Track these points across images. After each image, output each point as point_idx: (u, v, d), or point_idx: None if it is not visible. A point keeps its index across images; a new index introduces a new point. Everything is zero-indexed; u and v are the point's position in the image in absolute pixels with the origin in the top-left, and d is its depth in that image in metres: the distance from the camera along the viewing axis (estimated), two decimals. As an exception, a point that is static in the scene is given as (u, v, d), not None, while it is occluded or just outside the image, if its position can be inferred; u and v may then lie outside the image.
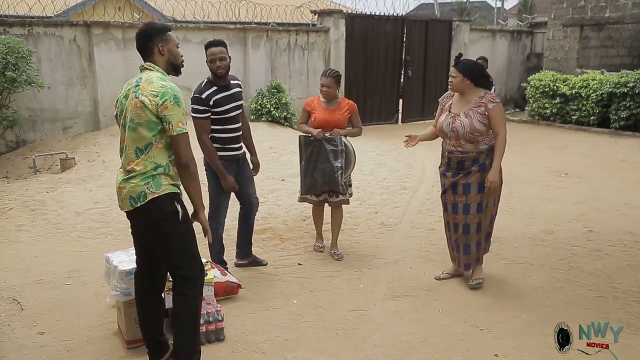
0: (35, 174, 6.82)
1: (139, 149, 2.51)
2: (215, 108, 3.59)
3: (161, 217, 2.53)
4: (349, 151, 4.07)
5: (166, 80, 2.53)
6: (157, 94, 2.46)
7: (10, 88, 6.65)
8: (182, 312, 2.66)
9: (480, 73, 3.63)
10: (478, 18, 22.84)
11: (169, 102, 2.45)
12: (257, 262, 4.11)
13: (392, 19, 11.27)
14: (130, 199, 2.53)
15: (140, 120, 2.48)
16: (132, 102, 2.50)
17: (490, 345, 3.06)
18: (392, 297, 3.67)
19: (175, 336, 2.68)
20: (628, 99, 9.55)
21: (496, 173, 3.57)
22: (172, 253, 2.61)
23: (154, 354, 2.80)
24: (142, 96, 2.47)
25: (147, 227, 2.59)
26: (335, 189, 4.09)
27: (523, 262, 4.23)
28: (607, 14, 11.29)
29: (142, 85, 2.51)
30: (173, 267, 2.65)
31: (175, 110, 2.46)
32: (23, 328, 3.18)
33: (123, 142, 2.60)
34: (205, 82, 3.66)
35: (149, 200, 2.51)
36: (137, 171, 2.51)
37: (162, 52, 2.60)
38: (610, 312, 3.44)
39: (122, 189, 2.56)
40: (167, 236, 2.57)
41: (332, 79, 4.05)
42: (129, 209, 2.57)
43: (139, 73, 2.61)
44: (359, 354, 2.98)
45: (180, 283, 2.65)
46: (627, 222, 5.20)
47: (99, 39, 7.97)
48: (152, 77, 2.53)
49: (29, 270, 3.98)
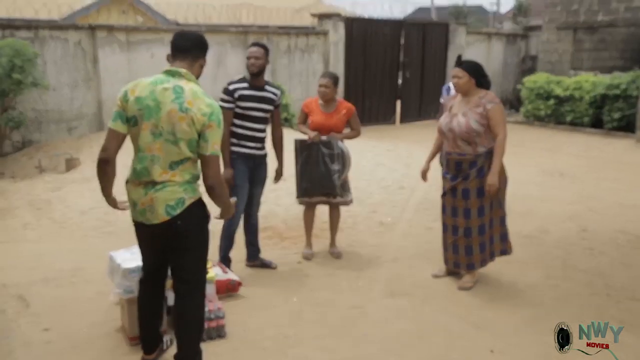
0: (40, 173, 6.85)
1: (175, 162, 2.41)
2: (239, 102, 3.72)
3: (196, 222, 2.49)
4: (345, 154, 4.07)
5: (210, 97, 2.44)
6: (206, 114, 2.36)
7: (17, 90, 6.73)
8: (187, 322, 2.62)
9: (481, 73, 3.64)
10: (474, 22, 22.89)
11: (215, 123, 2.37)
12: (264, 265, 4.11)
13: (390, 23, 11.36)
14: (167, 207, 2.41)
15: (183, 136, 2.36)
16: (176, 115, 2.34)
17: (487, 342, 3.10)
18: (390, 295, 3.71)
19: (181, 338, 2.65)
20: (620, 101, 9.67)
21: (495, 176, 3.55)
22: (192, 260, 2.58)
23: (149, 346, 2.81)
24: (192, 111, 2.34)
25: (175, 235, 2.48)
26: (331, 192, 4.10)
27: (518, 260, 4.27)
28: (600, 18, 11.40)
29: (188, 99, 2.36)
30: (187, 273, 2.60)
31: (217, 131, 2.39)
32: (29, 325, 3.22)
33: (151, 150, 2.40)
34: (241, 77, 3.82)
35: (187, 206, 2.44)
36: (174, 182, 2.41)
37: (202, 66, 2.55)
38: (604, 310, 3.49)
39: (154, 198, 2.41)
40: (193, 243, 2.53)
41: (330, 80, 4.09)
42: (163, 220, 2.42)
43: (170, 76, 2.43)
44: (358, 351, 3.02)
45: (188, 291, 2.61)
46: (620, 221, 5.27)
47: (103, 42, 8.04)
48: (196, 91, 2.41)
49: (35, 268, 4.02)
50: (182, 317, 2.64)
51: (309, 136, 4.08)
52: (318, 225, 4.74)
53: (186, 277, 2.61)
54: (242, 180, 3.80)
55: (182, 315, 2.64)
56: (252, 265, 4.11)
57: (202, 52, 2.55)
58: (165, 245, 2.56)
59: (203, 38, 2.59)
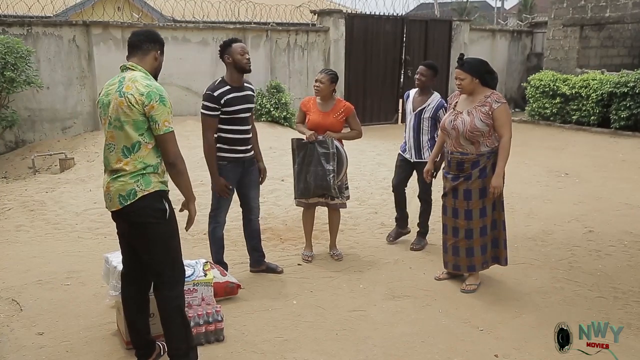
0: (34, 174, 6.82)
1: (127, 148, 2.52)
2: (226, 107, 3.57)
3: (149, 214, 2.55)
4: (341, 154, 3.98)
5: (150, 80, 2.55)
6: (143, 93, 2.47)
7: (9, 88, 6.65)
8: (165, 314, 2.67)
9: (486, 70, 3.56)
10: (478, 18, 22.83)
11: (155, 102, 2.47)
12: (270, 269, 4.02)
13: (391, 19, 11.27)
14: (120, 197, 2.53)
15: (126, 118, 2.49)
16: (117, 101, 2.50)
17: (490, 346, 3.06)
18: (392, 297, 3.66)
19: (167, 338, 2.69)
20: (628, 99, 9.55)
21: (499, 178, 3.50)
22: (155, 254, 2.62)
23: (143, 355, 2.81)
24: (128, 94, 2.47)
25: (134, 226, 2.59)
26: (327, 193, 4.01)
27: (523, 262, 4.23)
28: (607, 14, 11.29)
29: (126, 84, 2.51)
30: (154, 268, 2.65)
31: (162, 109, 2.48)
32: (22, 329, 3.18)
33: (107, 140, 2.59)
34: (220, 80, 3.66)
35: (139, 197, 2.52)
36: (126, 170, 2.52)
37: (155, 58, 2.65)
38: (611, 313, 3.43)
39: (111, 187, 2.56)
40: (152, 235, 2.58)
41: (326, 76, 4.01)
42: (117, 208, 2.56)
43: (121, 71, 2.61)
44: (359, 354, 2.97)
45: (160, 284, 2.66)
46: (627, 222, 5.20)
47: (98, 39, 7.97)
48: (135, 76, 2.54)
49: (28, 271, 3.97)
50: (160, 312, 2.70)
51: (305, 135, 4.01)
52: (318, 227, 4.69)
53: (155, 269, 2.66)
54: None
55: (159, 310, 2.69)
56: (257, 270, 4.02)
57: (153, 45, 2.64)
58: (129, 236, 2.66)
59: (154, 32, 2.69)
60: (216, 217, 3.76)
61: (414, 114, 4.36)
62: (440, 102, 4.33)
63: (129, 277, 2.78)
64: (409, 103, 4.44)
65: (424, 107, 4.32)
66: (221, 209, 3.77)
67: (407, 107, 4.45)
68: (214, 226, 3.75)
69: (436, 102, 4.32)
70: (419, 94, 4.40)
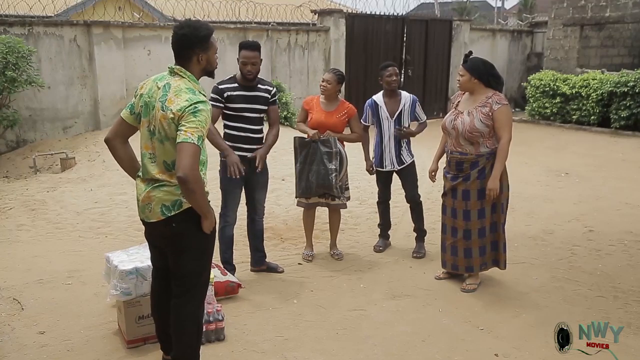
0: (35, 173, 6.82)
1: (167, 163, 2.40)
2: (229, 103, 3.65)
3: (190, 226, 2.44)
4: (342, 154, 3.99)
5: (195, 93, 2.37)
6: (182, 108, 2.31)
7: (11, 88, 6.65)
8: (180, 320, 2.59)
9: (489, 72, 3.54)
10: (478, 18, 22.80)
11: (187, 112, 2.30)
12: (271, 269, 4.02)
13: (392, 19, 11.27)
14: (163, 207, 2.41)
15: (167, 135, 2.36)
16: (159, 113, 2.37)
17: (490, 345, 3.06)
18: (392, 296, 3.66)
19: (176, 343, 2.61)
20: (628, 99, 9.55)
21: (496, 180, 3.49)
22: (188, 263, 2.53)
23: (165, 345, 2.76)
24: (168, 110, 2.33)
25: (172, 236, 2.48)
26: (329, 192, 4.01)
27: (523, 261, 4.23)
28: (608, 14, 11.29)
29: (169, 97, 2.36)
30: (182, 275, 2.56)
31: (190, 119, 2.29)
32: (23, 328, 3.18)
33: (148, 148, 2.44)
34: (231, 77, 3.75)
35: (184, 209, 2.41)
36: (171, 183, 2.40)
37: (199, 61, 2.45)
38: (611, 312, 3.44)
39: (152, 197, 2.43)
40: (188, 246, 2.49)
41: (334, 76, 4.02)
42: (158, 219, 2.43)
43: (168, 74, 2.45)
44: (359, 354, 2.98)
45: (183, 289, 2.57)
46: (627, 221, 5.20)
47: (99, 39, 7.97)
48: (181, 87, 2.37)
49: (29, 270, 3.97)
50: (175, 318, 2.61)
51: (308, 134, 4.01)
52: (319, 226, 4.69)
53: (181, 278, 2.57)
54: (232, 186, 3.71)
55: (175, 316, 2.61)
56: (258, 270, 4.02)
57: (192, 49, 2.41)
58: (163, 244, 2.57)
59: (188, 35, 2.41)
60: (225, 215, 3.77)
61: (392, 120, 4.17)
62: (414, 97, 4.24)
63: (157, 278, 2.71)
64: (382, 110, 4.19)
65: (401, 108, 4.17)
66: (228, 207, 3.77)
67: (381, 115, 4.19)
68: (223, 225, 3.76)
69: (410, 100, 4.21)
70: (387, 98, 4.21)
